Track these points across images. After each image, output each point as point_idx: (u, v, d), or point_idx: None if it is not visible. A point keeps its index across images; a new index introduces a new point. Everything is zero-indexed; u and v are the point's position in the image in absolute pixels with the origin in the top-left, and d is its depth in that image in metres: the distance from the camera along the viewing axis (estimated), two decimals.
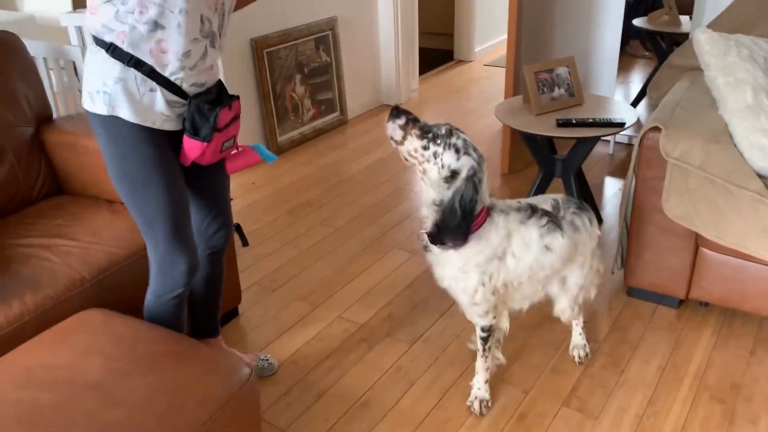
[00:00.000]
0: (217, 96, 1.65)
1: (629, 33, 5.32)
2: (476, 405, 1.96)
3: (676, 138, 2.12)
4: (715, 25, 2.62)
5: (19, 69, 2.25)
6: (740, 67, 2.14)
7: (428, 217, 1.72)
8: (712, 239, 2.13)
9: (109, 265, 1.87)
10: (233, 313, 2.44)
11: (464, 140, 1.65)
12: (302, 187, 3.50)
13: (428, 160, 1.65)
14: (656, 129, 2.16)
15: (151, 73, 1.51)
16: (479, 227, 1.71)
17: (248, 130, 3.74)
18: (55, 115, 2.51)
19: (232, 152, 1.78)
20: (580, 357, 2.14)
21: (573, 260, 1.91)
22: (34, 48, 2.69)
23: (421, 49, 5.36)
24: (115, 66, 1.50)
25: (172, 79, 1.54)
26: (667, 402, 1.99)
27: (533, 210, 1.81)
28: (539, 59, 3.43)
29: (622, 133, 2.91)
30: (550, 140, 2.83)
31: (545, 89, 2.72)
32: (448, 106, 4.77)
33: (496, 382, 2.07)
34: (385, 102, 4.80)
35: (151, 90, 1.53)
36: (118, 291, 1.88)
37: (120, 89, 1.51)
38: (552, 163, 2.77)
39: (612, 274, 2.55)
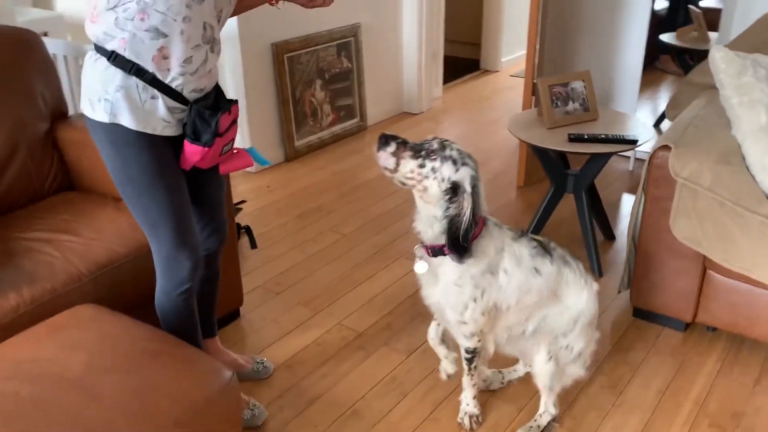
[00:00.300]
0: (216, 100, 1.67)
1: (659, 48, 5.24)
2: (466, 420, 1.94)
3: (685, 157, 2.07)
4: (738, 43, 2.56)
5: (36, 67, 2.30)
6: (756, 88, 2.09)
7: (424, 232, 1.71)
8: (719, 263, 2.08)
9: (108, 262, 1.90)
10: (234, 315, 2.45)
11: (458, 150, 1.64)
12: (315, 192, 3.52)
13: (427, 177, 1.63)
14: (666, 148, 2.12)
15: (153, 81, 1.54)
16: (476, 237, 1.69)
17: (266, 134, 3.78)
18: (71, 112, 2.57)
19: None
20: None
21: (560, 297, 1.80)
22: (54, 46, 2.76)
23: (447, 58, 5.34)
24: (117, 74, 1.52)
25: (173, 85, 1.56)
26: (663, 427, 1.94)
27: (522, 232, 1.80)
28: (562, 72, 3.39)
29: (642, 150, 2.85)
30: (563, 155, 2.79)
31: (559, 103, 2.69)
32: (469, 116, 4.75)
33: (489, 397, 2.05)
34: (406, 110, 4.80)
35: (153, 97, 1.55)
36: (116, 287, 1.91)
37: (121, 97, 1.53)
38: (564, 178, 2.74)
39: (618, 294, 2.51)
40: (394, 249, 2.95)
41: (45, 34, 3.45)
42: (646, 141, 2.53)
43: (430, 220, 1.69)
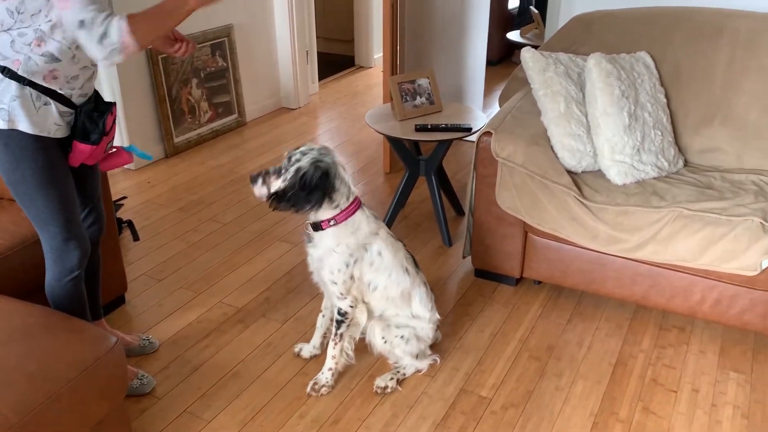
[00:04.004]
0: (96, 102, 1.89)
1: (515, 44, 5.81)
2: (315, 386, 2.21)
3: (503, 141, 2.50)
4: (551, 43, 3.04)
5: None
6: (556, 81, 2.55)
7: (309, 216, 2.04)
8: (534, 226, 2.53)
9: None
10: (120, 301, 2.65)
11: (301, 151, 1.97)
12: (196, 186, 3.72)
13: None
14: (489, 133, 2.54)
15: (45, 90, 1.74)
16: (352, 213, 2.04)
17: (145, 132, 3.93)
18: None
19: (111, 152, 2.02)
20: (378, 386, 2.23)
21: (410, 304, 2.20)
22: None
23: (324, 55, 5.63)
24: (11, 85, 1.71)
25: (62, 93, 1.76)
26: (493, 361, 2.36)
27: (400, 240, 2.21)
28: (423, 69, 3.79)
29: None
30: (416, 143, 3.18)
31: (408, 98, 3.07)
32: (343, 110, 5.08)
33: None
34: (284, 105, 5.06)
35: (46, 104, 1.76)
36: (3, 277, 2.07)
37: (18, 105, 1.72)
38: (416, 163, 3.13)
39: (464, 258, 2.93)
40: (271, 234, 3.23)
41: None
42: (480, 128, 2.95)
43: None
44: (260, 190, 1.97)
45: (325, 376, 2.23)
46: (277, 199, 1.96)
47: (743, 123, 2.62)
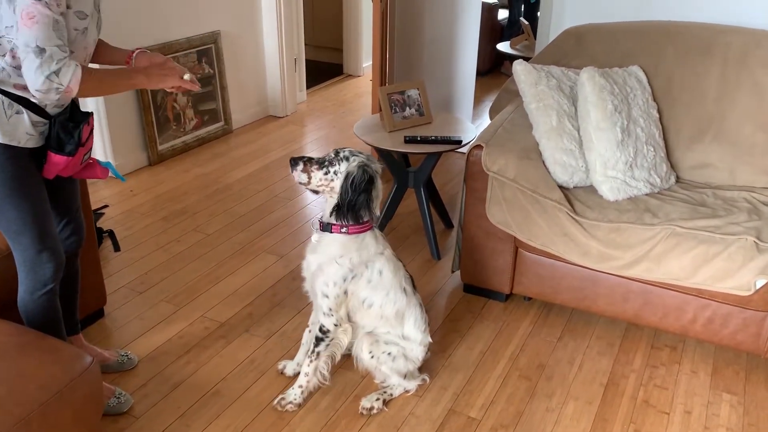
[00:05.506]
0: (72, 112, 1.82)
1: (504, 55, 5.80)
2: (281, 402, 2.14)
3: (494, 155, 2.46)
4: (542, 56, 3.01)
5: None
6: (548, 95, 2.51)
7: (324, 212, 2.04)
8: (525, 241, 2.48)
9: None
10: (98, 314, 2.56)
11: (350, 150, 2.00)
12: (180, 195, 3.64)
13: (332, 179, 1.99)
14: (480, 147, 2.50)
15: (17, 98, 1.67)
16: (365, 231, 2.02)
17: (128, 139, 3.85)
18: None
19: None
20: (364, 407, 2.16)
21: (402, 324, 2.15)
22: None
23: (312, 62, 5.57)
24: None
25: (35, 101, 1.69)
26: (482, 380, 2.31)
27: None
28: (412, 79, 3.75)
29: None
30: (405, 155, 3.13)
31: (398, 109, 3.02)
32: (332, 119, 5.02)
33: (336, 367, 2.32)
34: (271, 113, 5.00)
35: (18, 112, 1.68)
36: None
37: None
38: (405, 175, 3.08)
39: (452, 273, 2.88)
40: (256, 246, 3.16)
41: None
42: (470, 141, 2.91)
43: (330, 206, 2.03)
44: (299, 176, 1.99)
45: (294, 392, 2.15)
46: (338, 212, 1.97)
47: (736, 139, 2.60)
